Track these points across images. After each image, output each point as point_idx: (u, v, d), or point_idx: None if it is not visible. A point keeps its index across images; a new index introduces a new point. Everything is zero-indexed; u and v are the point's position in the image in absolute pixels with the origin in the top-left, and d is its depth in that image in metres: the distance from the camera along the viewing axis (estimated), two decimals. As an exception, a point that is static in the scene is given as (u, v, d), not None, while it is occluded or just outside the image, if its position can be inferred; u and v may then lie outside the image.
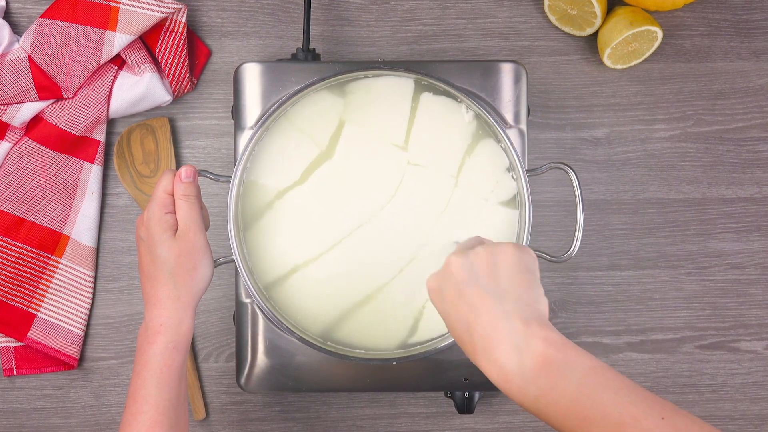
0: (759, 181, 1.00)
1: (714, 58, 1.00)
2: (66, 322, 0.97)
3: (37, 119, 0.96)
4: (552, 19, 0.99)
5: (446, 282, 0.67)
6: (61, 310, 0.97)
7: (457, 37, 1.00)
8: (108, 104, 0.95)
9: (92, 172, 0.97)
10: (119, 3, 0.93)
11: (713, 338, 1.00)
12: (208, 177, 0.86)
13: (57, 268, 0.97)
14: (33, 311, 0.96)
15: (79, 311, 0.97)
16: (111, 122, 0.99)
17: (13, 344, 0.97)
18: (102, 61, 0.94)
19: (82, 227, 0.97)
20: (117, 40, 0.93)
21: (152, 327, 0.78)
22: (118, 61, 0.96)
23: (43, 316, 0.96)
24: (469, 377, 0.90)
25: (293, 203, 0.88)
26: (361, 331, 0.88)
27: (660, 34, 0.96)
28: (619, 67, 0.99)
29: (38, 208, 0.96)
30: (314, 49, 0.93)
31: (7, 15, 0.98)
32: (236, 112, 0.90)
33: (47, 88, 0.94)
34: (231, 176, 0.86)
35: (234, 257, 0.86)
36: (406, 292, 0.88)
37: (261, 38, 0.99)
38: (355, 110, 0.89)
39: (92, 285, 0.98)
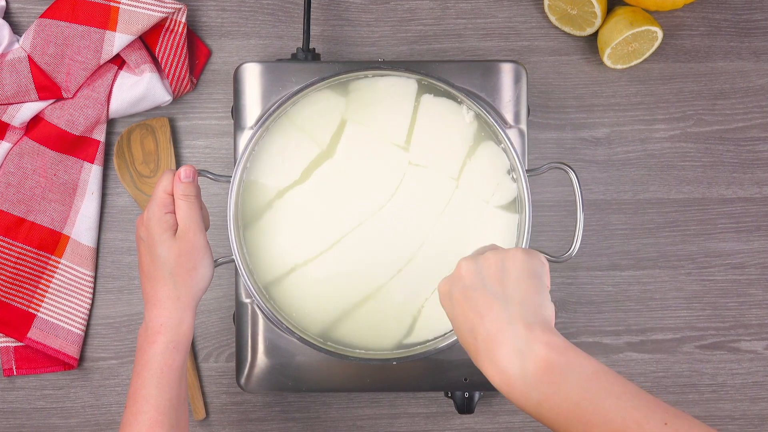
0: (759, 181, 1.00)
1: (714, 58, 1.00)
2: (66, 322, 0.97)
3: (37, 119, 0.96)
4: (552, 19, 0.99)
5: (455, 285, 0.68)
6: (61, 310, 0.97)
7: (457, 37, 1.00)
8: (108, 104, 0.95)
9: (92, 172, 0.97)
10: (119, 3, 0.93)
11: (713, 338, 1.00)
12: (208, 177, 0.86)
13: (57, 268, 0.97)
14: (33, 311, 0.96)
15: (79, 311, 0.97)
16: (111, 122, 0.99)
17: (13, 344, 0.97)
18: (102, 61, 0.94)
19: (82, 227, 0.97)
20: (117, 40, 0.93)
21: (152, 327, 0.78)
22: (118, 61, 0.96)
23: (43, 316, 0.96)
24: (469, 377, 0.90)
25: (293, 202, 0.88)
26: (360, 331, 0.88)
27: (660, 34, 0.96)
28: (619, 67, 0.99)
29: (38, 208, 0.96)
30: (314, 49, 0.93)
31: (7, 15, 0.98)
32: (236, 112, 0.90)
33: (47, 88, 0.94)
34: (231, 176, 0.86)
35: (234, 257, 0.85)
36: (404, 292, 0.88)
37: (261, 38, 0.99)
38: (357, 109, 0.89)
39: (92, 285, 0.98)
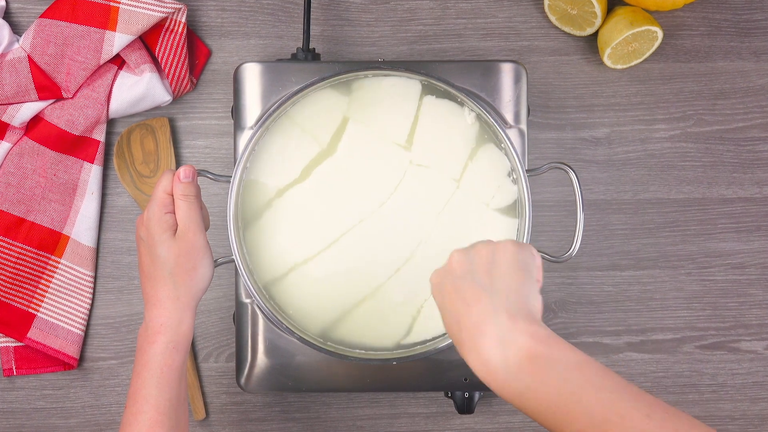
0: (759, 181, 1.00)
1: (714, 58, 1.00)
2: (66, 322, 0.97)
3: (36, 119, 0.96)
4: (552, 19, 0.99)
5: (446, 277, 0.68)
6: (60, 310, 0.97)
7: (457, 37, 1.00)
8: (108, 104, 0.95)
9: (92, 172, 0.97)
10: (119, 3, 0.93)
11: (713, 338, 1.00)
12: (208, 177, 0.86)
13: (57, 268, 0.97)
14: (33, 311, 0.96)
15: (79, 311, 0.97)
16: (111, 122, 0.99)
17: (13, 344, 0.97)
18: (102, 61, 0.94)
19: (82, 227, 0.97)
20: (117, 40, 0.93)
21: (152, 327, 0.78)
22: (118, 61, 0.96)
23: (43, 316, 0.96)
24: (469, 377, 0.90)
25: (293, 201, 0.88)
26: (360, 330, 0.88)
27: (660, 34, 0.96)
28: (619, 67, 0.99)
29: (38, 208, 0.96)
30: (314, 49, 0.93)
31: (7, 15, 0.98)
32: (236, 112, 0.90)
33: (47, 88, 0.94)
34: (231, 176, 0.86)
35: (234, 257, 0.85)
36: (403, 292, 0.88)
37: (261, 38, 0.99)
38: (359, 108, 0.89)
39: (92, 285, 0.98)
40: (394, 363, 0.87)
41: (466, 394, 0.91)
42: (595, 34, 0.99)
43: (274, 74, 0.89)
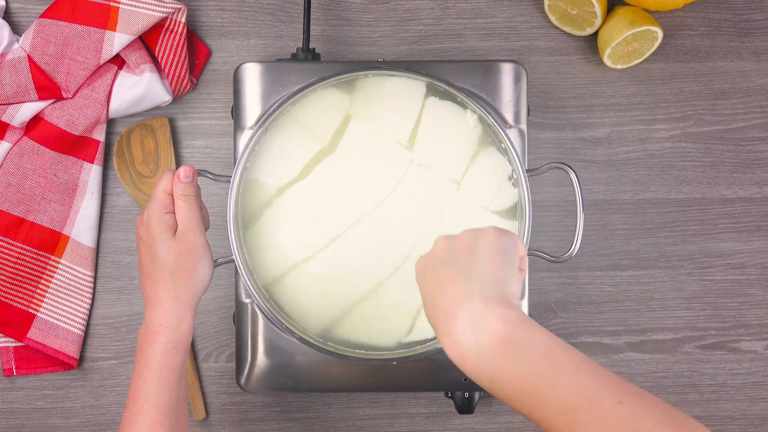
0: (759, 181, 1.00)
1: (714, 58, 1.00)
2: (66, 322, 0.96)
3: (36, 119, 0.96)
4: (552, 18, 0.99)
5: (428, 262, 0.68)
6: (60, 310, 0.97)
7: (457, 37, 1.00)
8: (108, 104, 0.95)
9: (92, 172, 0.97)
10: (119, 3, 0.93)
11: (713, 338, 1.00)
12: (208, 177, 0.86)
13: (57, 268, 0.97)
14: (33, 311, 0.96)
15: (79, 311, 0.97)
16: (111, 122, 0.99)
17: (13, 344, 0.97)
18: (102, 61, 0.94)
19: (81, 227, 0.97)
20: (117, 40, 0.93)
21: (152, 327, 0.78)
22: (118, 61, 0.96)
23: (43, 316, 0.96)
24: (469, 377, 0.90)
25: (293, 199, 0.88)
26: (360, 329, 0.88)
27: (660, 33, 0.96)
28: (619, 66, 0.99)
29: (38, 208, 0.96)
30: (314, 49, 0.93)
31: (6, 15, 0.98)
32: (236, 112, 0.90)
33: (47, 88, 0.94)
34: (231, 176, 0.86)
35: (234, 257, 0.85)
36: (402, 291, 0.88)
37: (261, 38, 0.99)
38: (363, 106, 0.88)
39: (92, 285, 0.98)
40: (394, 363, 0.87)
41: (466, 394, 0.91)
42: (595, 34, 0.99)
43: (274, 74, 0.89)
